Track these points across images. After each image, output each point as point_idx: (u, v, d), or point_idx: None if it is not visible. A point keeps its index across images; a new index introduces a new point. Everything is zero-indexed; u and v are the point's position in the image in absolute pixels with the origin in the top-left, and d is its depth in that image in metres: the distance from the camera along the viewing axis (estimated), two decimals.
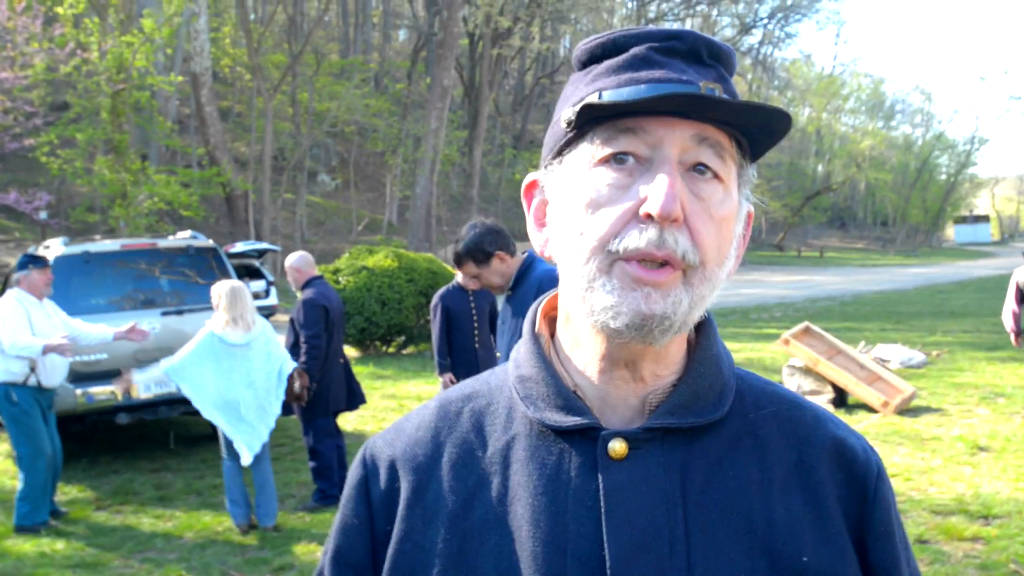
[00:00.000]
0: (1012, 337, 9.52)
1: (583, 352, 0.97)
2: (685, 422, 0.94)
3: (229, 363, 6.07)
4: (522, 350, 1.03)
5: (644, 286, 0.88)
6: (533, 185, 1.04)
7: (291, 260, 6.94)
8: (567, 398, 0.96)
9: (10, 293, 6.55)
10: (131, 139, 25.62)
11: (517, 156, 46.06)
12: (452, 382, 6.80)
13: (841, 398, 9.72)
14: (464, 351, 6.82)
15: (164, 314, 8.25)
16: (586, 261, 0.91)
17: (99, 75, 23.17)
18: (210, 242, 9.09)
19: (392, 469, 1.02)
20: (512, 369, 1.03)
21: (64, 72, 23.12)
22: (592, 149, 0.92)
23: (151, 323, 7.85)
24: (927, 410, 9.53)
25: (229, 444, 6.16)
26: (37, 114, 24.95)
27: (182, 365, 5.98)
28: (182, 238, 9.08)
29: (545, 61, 52.70)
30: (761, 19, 60.10)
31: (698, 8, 57.21)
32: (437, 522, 0.97)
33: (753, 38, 63.78)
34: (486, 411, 1.02)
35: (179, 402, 7.73)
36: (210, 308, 7.15)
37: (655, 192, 0.87)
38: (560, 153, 0.97)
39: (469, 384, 1.08)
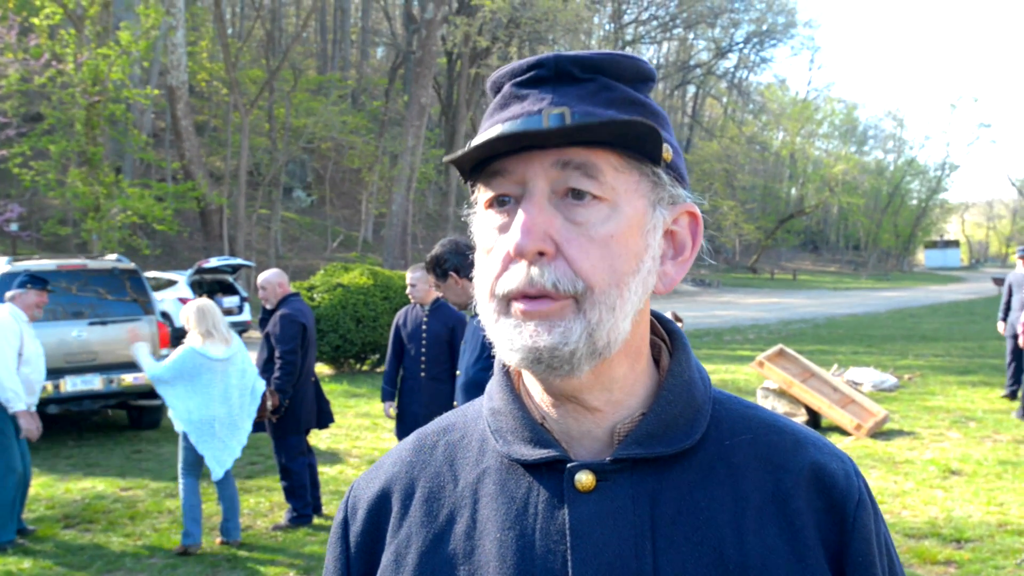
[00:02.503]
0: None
1: (535, 388, 0.97)
2: (653, 452, 0.91)
3: (208, 378, 6.00)
4: (494, 382, 1.02)
5: (530, 319, 0.88)
6: None
7: (271, 275, 6.84)
8: (534, 431, 0.94)
9: (5, 307, 6.50)
10: (105, 152, 25.43)
11: None
12: (392, 413, 6.41)
13: (815, 421, 9.77)
14: (410, 378, 6.24)
15: (91, 324, 9.68)
16: (486, 305, 0.93)
17: (74, 87, 23.01)
18: (132, 265, 10.51)
19: (369, 510, 1.01)
20: (486, 401, 1.02)
21: (39, 83, 22.94)
22: (481, 195, 0.95)
23: (79, 331, 9.50)
24: (899, 433, 9.59)
25: (189, 463, 6.06)
26: (10, 125, 24.70)
27: (163, 375, 5.93)
28: (108, 260, 10.43)
29: None
30: (737, 43, 60.84)
31: (675, 32, 57.75)
32: (408, 558, 0.96)
33: (729, 62, 64.60)
34: (459, 444, 1.01)
35: (101, 397, 9.62)
36: (128, 319, 9.65)
37: (512, 232, 0.88)
38: (473, 202, 0.99)
39: (448, 416, 1.07)
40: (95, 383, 9.45)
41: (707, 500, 0.91)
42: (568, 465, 0.92)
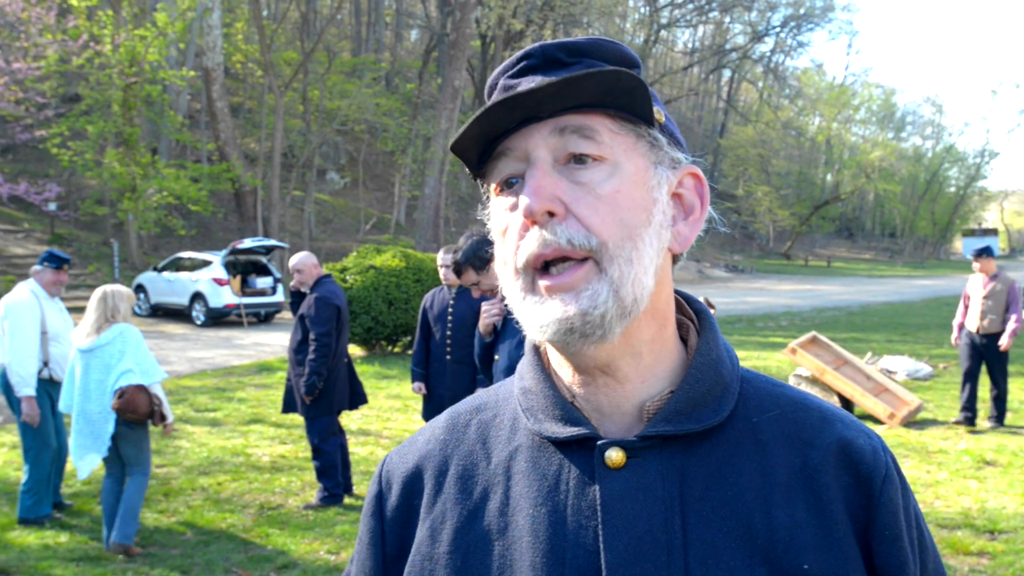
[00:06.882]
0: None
1: (564, 366, 1.00)
2: (682, 429, 0.93)
3: (72, 369, 5.76)
4: (524, 362, 1.05)
5: (556, 292, 0.91)
6: None
7: (304, 257, 6.86)
8: (565, 409, 0.97)
9: (26, 284, 6.60)
10: (142, 133, 25.67)
11: None
12: (422, 391, 6.46)
13: (847, 409, 9.69)
14: (436, 360, 6.35)
15: None
16: (512, 285, 0.96)
17: (111, 68, 23.25)
18: None
19: (404, 485, 1.04)
20: (516, 381, 1.05)
21: (76, 64, 23.19)
22: (489, 184, 0.99)
23: None
24: (933, 423, 9.49)
25: (108, 461, 5.85)
26: (49, 105, 25.02)
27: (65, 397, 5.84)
28: None
29: None
30: (774, 27, 60.06)
31: (710, 15, 57.14)
32: (443, 534, 0.98)
33: (765, 46, 63.77)
34: (492, 423, 1.04)
35: None
36: None
37: (521, 200, 0.92)
38: (487, 198, 1.02)
39: (480, 395, 1.10)
40: None
41: (735, 476, 0.93)
42: (599, 442, 0.94)
